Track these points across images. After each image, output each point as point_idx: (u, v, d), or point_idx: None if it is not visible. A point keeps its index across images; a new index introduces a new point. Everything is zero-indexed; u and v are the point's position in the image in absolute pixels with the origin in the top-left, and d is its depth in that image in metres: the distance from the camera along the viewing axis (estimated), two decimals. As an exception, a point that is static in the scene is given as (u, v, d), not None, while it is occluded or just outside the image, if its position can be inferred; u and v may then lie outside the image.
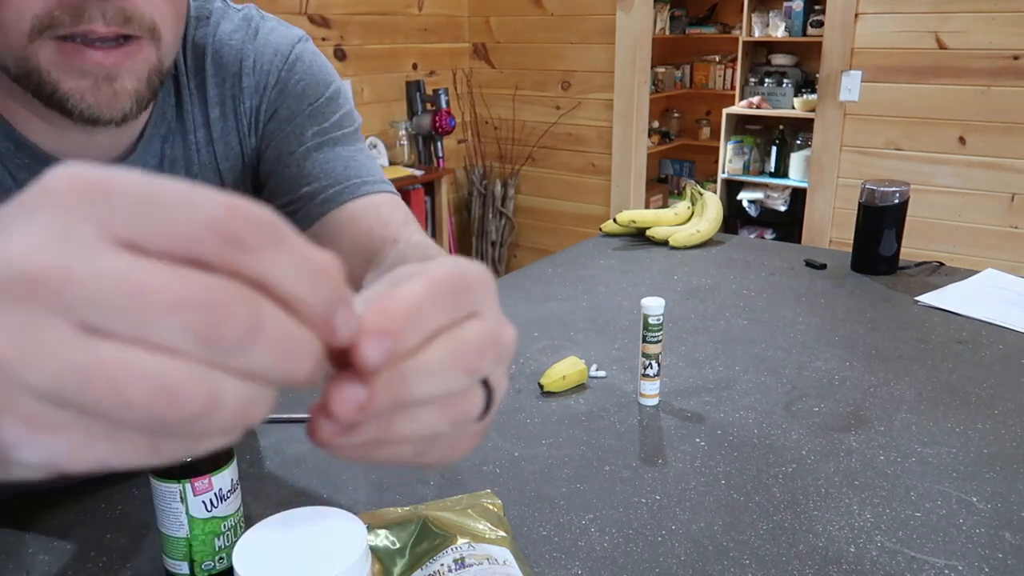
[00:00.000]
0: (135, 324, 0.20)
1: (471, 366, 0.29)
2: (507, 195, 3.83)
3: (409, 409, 0.28)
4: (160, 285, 0.21)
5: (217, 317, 0.21)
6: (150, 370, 0.20)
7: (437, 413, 0.29)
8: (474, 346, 0.29)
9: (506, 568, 0.62)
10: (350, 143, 0.78)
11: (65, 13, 0.53)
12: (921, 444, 0.87)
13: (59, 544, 0.70)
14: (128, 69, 0.57)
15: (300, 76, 0.76)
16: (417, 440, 0.29)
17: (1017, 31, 2.63)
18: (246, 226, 0.22)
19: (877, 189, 1.41)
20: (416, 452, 0.30)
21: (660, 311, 0.92)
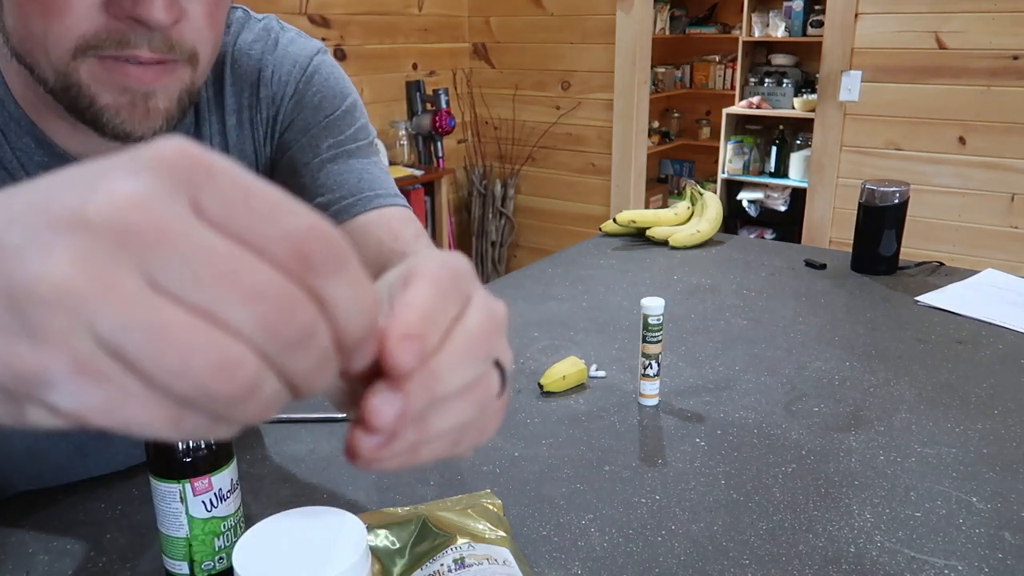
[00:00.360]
0: (211, 298, 0.21)
1: (485, 350, 0.31)
2: (507, 195, 3.83)
3: (441, 404, 0.30)
4: (246, 270, 0.22)
5: (284, 316, 0.22)
6: (215, 343, 0.21)
7: (466, 401, 0.31)
8: (482, 331, 0.31)
9: (506, 568, 0.62)
10: (365, 156, 0.79)
11: (111, 39, 0.54)
12: (921, 444, 0.87)
13: (59, 544, 0.70)
14: (163, 88, 0.58)
15: (317, 88, 0.77)
16: (452, 432, 0.31)
17: (1017, 31, 2.63)
18: (321, 247, 0.23)
19: (877, 189, 1.41)
20: (452, 443, 0.32)
21: (660, 311, 0.92)
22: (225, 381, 0.22)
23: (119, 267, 0.20)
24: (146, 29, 0.54)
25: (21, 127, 0.63)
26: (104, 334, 0.20)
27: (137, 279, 0.21)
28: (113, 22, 0.53)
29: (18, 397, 0.22)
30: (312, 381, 0.24)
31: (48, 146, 0.64)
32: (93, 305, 0.20)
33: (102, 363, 0.21)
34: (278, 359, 0.23)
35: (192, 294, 0.21)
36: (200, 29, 0.58)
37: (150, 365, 0.21)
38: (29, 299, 0.20)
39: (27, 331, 0.20)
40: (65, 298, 0.20)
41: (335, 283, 0.24)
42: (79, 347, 0.21)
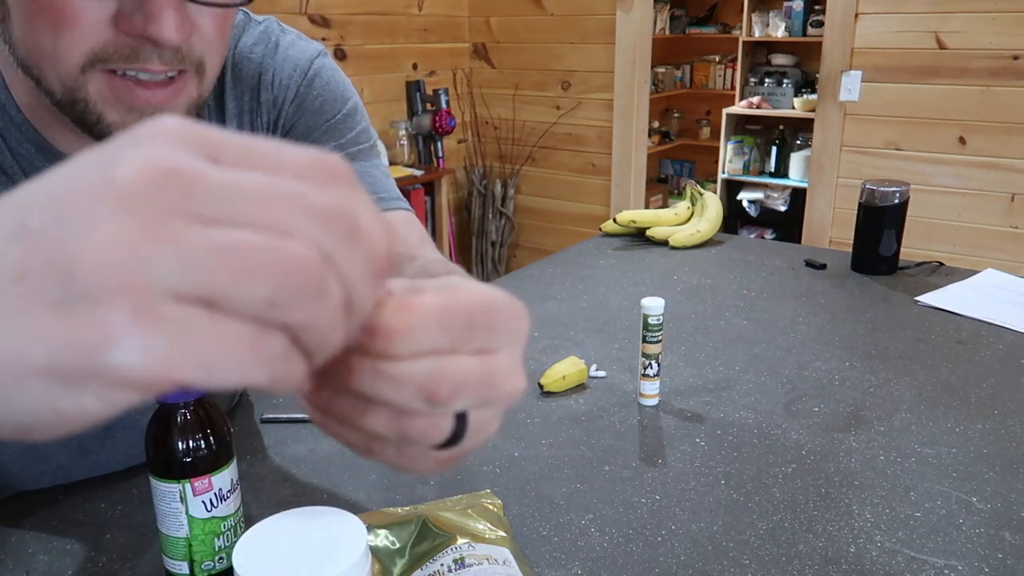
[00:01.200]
0: (260, 211, 0.22)
1: (435, 395, 0.28)
2: (507, 195, 3.83)
3: (365, 402, 0.29)
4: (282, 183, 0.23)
5: (334, 213, 0.23)
6: (277, 243, 0.22)
7: (386, 419, 0.29)
8: (453, 379, 0.28)
9: (506, 568, 0.62)
10: (366, 159, 0.79)
11: (120, 53, 0.53)
12: (921, 444, 0.87)
13: (59, 544, 0.70)
14: (171, 107, 0.58)
15: (318, 92, 0.77)
16: (365, 433, 0.30)
17: (1017, 31, 2.63)
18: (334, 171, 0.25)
19: (877, 189, 1.41)
20: (363, 445, 0.31)
21: (660, 311, 0.92)
22: (296, 273, 0.22)
23: (163, 214, 0.21)
24: (156, 46, 0.54)
25: (23, 133, 0.63)
26: (162, 276, 0.20)
27: (184, 219, 0.21)
28: (123, 37, 0.53)
29: (75, 376, 0.21)
30: (364, 288, 0.24)
31: (50, 152, 0.64)
32: (144, 251, 0.20)
33: (165, 306, 0.20)
34: (337, 253, 0.23)
35: (241, 213, 0.22)
36: (210, 41, 0.58)
37: (217, 284, 0.21)
38: (76, 266, 0.20)
39: (81, 297, 0.20)
40: (113, 254, 0.20)
41: (356, 196, 0.25)
42: (138, 295, 0.20)
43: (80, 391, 0.21)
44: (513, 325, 0.30)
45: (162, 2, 0.51)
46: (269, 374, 0.23)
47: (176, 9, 0.52)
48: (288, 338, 0.23)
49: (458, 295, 0.29)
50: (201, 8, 0.56)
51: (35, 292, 0.20)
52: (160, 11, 0.51)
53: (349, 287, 0.24)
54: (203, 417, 0.60)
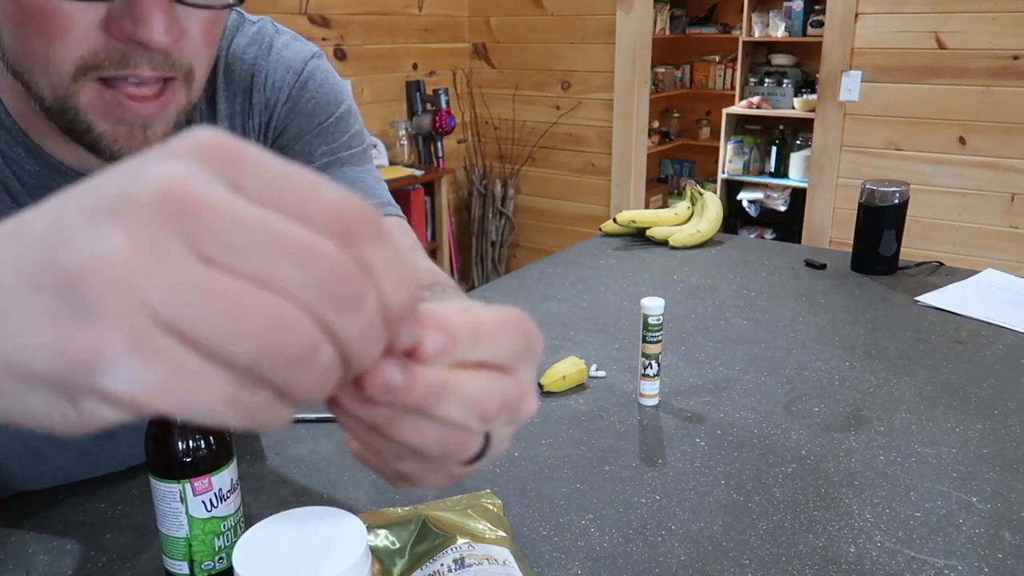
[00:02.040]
0: (262, 264, 0.22)
1: (488, 414, 0.29)
2: (507, 195, 3.83)
3: (420, 419, 0.28)
4: (294, 234, 0.22)
5: (336, 276, 0.22)
6: (269, 304, 0.22)
7: (437, 436, 0.29)
8: (500, 399, 0.29)
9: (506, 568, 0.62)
10: (358, 163, 0.78)
11: (110, 60, 0.53)
12: (921, 444, 0.87)
13: (59, 544, 0.70)
14: (162, 117, 0.58)
15: (312, 95, 0.76)
16: (405, 450, 0.30)
17: (1017, 31, 2.63)
18: (358, 218, 0.24)
19: (877, 189, 1.41)
20: (395, 458, 0.31)
21: (660, 311, 0.92)
22: (283, 341, 0.22)
23: (169, 242, 0.21)
24: (145, 50, 0.53)
25: (12, 136, 0.63)
26: (158, 307, 0.21)
27: (188, 252, 0.21)
28: (113, 43, 0.53)
29: (72, 389, 0.22)
30: (363, 350, 0.24)
31: (40, 156, 0.64)
32: (146, 279, 0.20)
33: (158, 338, 0.21)
34: (332, 320, 0.23)
35: (243, 262, 0.21)
36: (199, 47, 0.58)
37: (206, 332, 0.21)
38: (81, 280, 0.20)
39: (81, 313, 0.20)
40: (118, 275, 0.20)
41: (377, 251, 0.24)
42: (134, 323, 0.20)
43: (81, 402, 0.22)
44: (536, 343, 0.31)
45: (150, 5, 0.51)
46: (248, 421, 0.23)
47: (164, 12, 0.52)
48: (272, 392, 0.23)
49: (503, 313, 0.30)
50: (190, 12, 0.55)
51: (42, 304, 0.21)
52: (149, 14, 0.51)
53: (346, 349, 0.24)
54: (203, 417, 0.60)
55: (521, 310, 0.31)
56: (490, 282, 1.43)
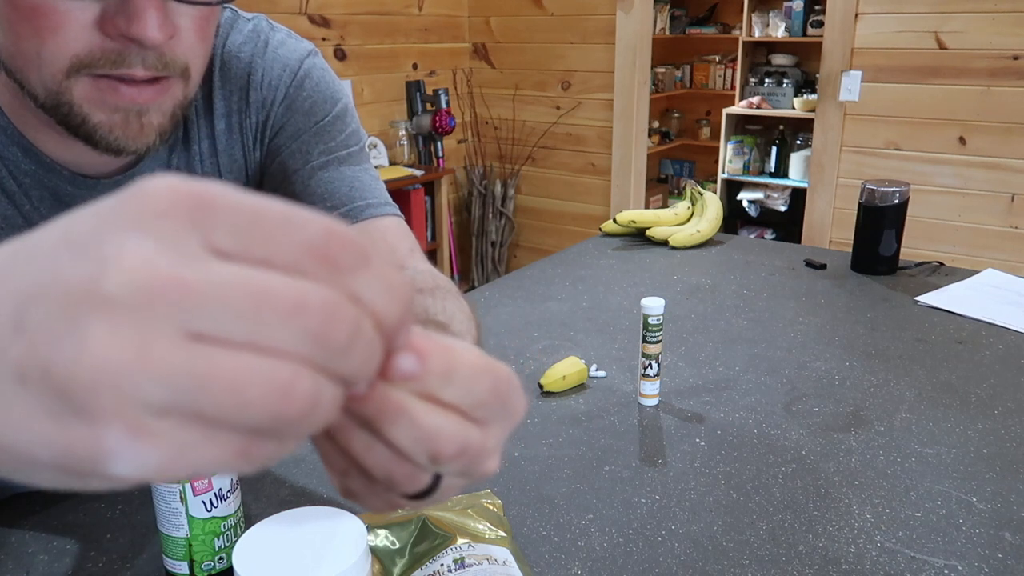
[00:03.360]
0: (252, 329, 0.21)
1: (439, 455, 0.27)
2: (507, 195, 3.83)
3: (370, 437, 0.27)
4: (278, 290, 0.21)
5: (330, 321, 0.22)
6: (267, 371, 0.21)
7: (384, 460, 0.28)
8: (458, 445, 0.27)
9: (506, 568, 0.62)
10: (356, 163, 0.78)
11: (105, 58, 0.53)
12: (921, 444, 0.87)
13: (59, 544, 0.70)
14: (157, 106, 0.58)
15: (308, 93, 0.76)
16: (353, 465, 0.29)
17: (1017, 31, 2.63)
18: (342, 247, 0.23)
19: (877, 189, 1.41)
20: (341, 472, 0.30)
21: (660, 311, 0.92)
22: (287, 403, 0.21)
23: (152, 332, 0.20)
24: (139, 47, 0.54)
25: (8, 136, 0.63)
26: (154, 399, 0.20)
27: (173, 337, 0.20)
28: (107, 41, 0.53)
29: (78, 473, 0.22)
30: (365, 373, 0.24)
31: (36, 155, 0.64)
32: (138, 374, 0.20)
33: (159, 424, 0.21)
34: (331, 365, 0.22)
35: (232, 332, 0.21)
36: (192, 45, 0.58)
37: (208, 410, 0.21)
38: (71, 383, 0.20)
39: (76, 412, 0.20)
40: (106, 376, 0.20)
41: (365, 277, 0.23)
42: (132, 415, 0.20)
43: (87, 480, 0.22)
44: (517, 405, 0.30)
45: (144, 2, 0.51)
46: (260, 467, 0.23)
47: (158, 9, 0.52)
48: (276, 445, 0.23)
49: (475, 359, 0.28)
50: (183, 9, 0.56)
51: (35, 399, 0.21)
52: (143, 11, 0.51)
53: (348, 379, 0.24)
54: (203, 417, 0.60)
55: (511, 370, 0.29)
56: (490, 282, 1.43)
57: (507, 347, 1.12)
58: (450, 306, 0.59)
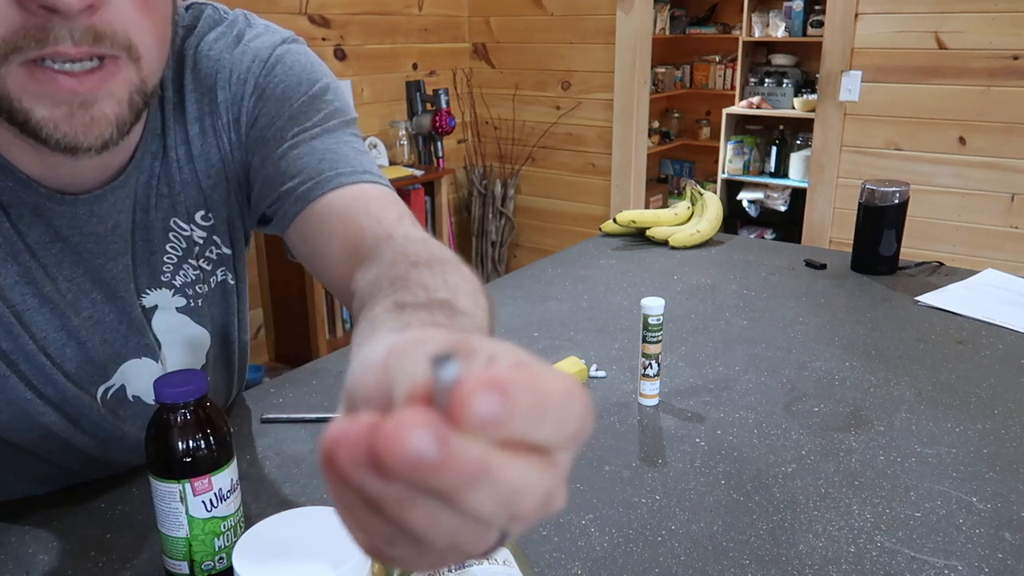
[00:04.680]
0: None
1: (522, 513, 0.24)
2: (507, 195, 3.83)
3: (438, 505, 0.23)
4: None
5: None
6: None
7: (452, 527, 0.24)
8: (541, 495, 0.24)
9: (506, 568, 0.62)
10: (331, 135, 0.73)
11: (30, 36, 0.50)
12: (921, 444, 0.87)
13: (59, 544, 0.70)
14: (107, 93, 0.54)
15: (280, 79, 0.72)
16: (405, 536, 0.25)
17: (1017, 31, 2.63)
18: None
19: (877, 189, 1.41)
20: (387, 542, 0.26)
21: (660, 311, 0.92)
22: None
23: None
24: (63, 19, 0.49)
25: None
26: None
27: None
28: (29, 18, 0.49)
29: None
30: None
31: (11, 171, 0.62)
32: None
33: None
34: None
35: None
36: (131, 18, 0.54)
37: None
38: None
39: None
40: None
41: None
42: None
43: None
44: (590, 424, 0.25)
45: None
46: None
47: None
48: None
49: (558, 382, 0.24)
50: None
51: None
52: None
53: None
54: (203, 417, 0.60)
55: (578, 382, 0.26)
56: (490, 282, 1.43)
57: (507, 347, 1.12)
58: (451, 278, 0.50)
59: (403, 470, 0.21)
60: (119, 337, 0.74)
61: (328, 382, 1.02)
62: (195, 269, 0.77)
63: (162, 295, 0.76)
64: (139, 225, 0.72)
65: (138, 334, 0.75)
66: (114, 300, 0.72)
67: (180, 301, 0.78)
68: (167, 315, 0.77)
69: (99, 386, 0.74)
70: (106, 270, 0.70)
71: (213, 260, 0.79)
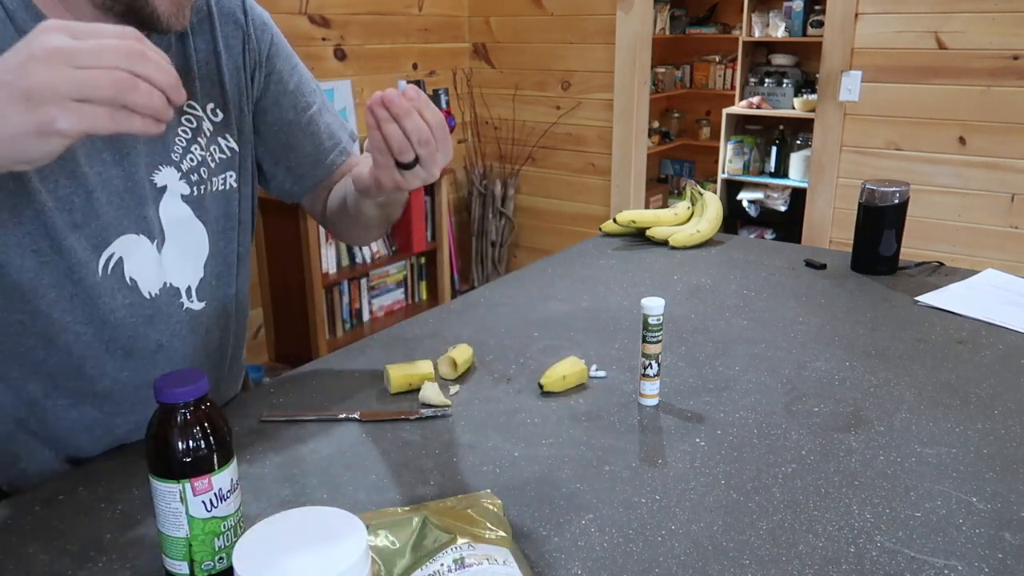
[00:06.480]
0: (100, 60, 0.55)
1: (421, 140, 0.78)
2: (507, 195, 3.83)
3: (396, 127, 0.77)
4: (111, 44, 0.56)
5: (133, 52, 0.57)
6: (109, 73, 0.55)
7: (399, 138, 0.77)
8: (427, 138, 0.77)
9: (506, 568, 0.62)
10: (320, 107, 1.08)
11: None
12: (921, 444, 0.87)
13: (59, 544, 0.70)
14: None
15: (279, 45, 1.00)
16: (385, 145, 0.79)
17: (1017, 31, 2.63)
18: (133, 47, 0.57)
19: (877, 189, 1.41)
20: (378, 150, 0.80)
21: (660, 311, 0.92)
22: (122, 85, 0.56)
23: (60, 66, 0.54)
24: None
25: (28, 14, 0.74)
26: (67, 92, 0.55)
27: (69, 67, 0.54)
28: None
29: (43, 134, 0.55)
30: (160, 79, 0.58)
31: None
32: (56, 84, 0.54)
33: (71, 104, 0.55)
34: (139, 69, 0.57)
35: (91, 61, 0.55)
36: None
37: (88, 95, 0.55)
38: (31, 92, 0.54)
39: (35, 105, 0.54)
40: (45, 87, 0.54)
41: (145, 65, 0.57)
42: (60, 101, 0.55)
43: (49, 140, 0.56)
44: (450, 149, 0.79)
45: None
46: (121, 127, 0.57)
47: None
48: (129, 109, 0.57)
49: None
50: None
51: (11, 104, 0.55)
52: None
53: (151, 80, 0.57)
54: (203, 417, 0.60)
55: None
56: (490, 282, 1.43)
57: (507, 347, 1.13)
58: None
59: (390, 105, 0.75)
60: (123, 205, 0.82)
61: (328, 382, 1.02)
62: (203, 151, 0.88)
63: (170, 174, 0.86)
64: None
65: (141, 206, 0.83)
66: (122, 164, 0.81)
67: (185, 188, 0.87)
68: (173, 201, 0.86)
69: (101, 252, 0.81)
70: None
71: (223, 156, 0.91)
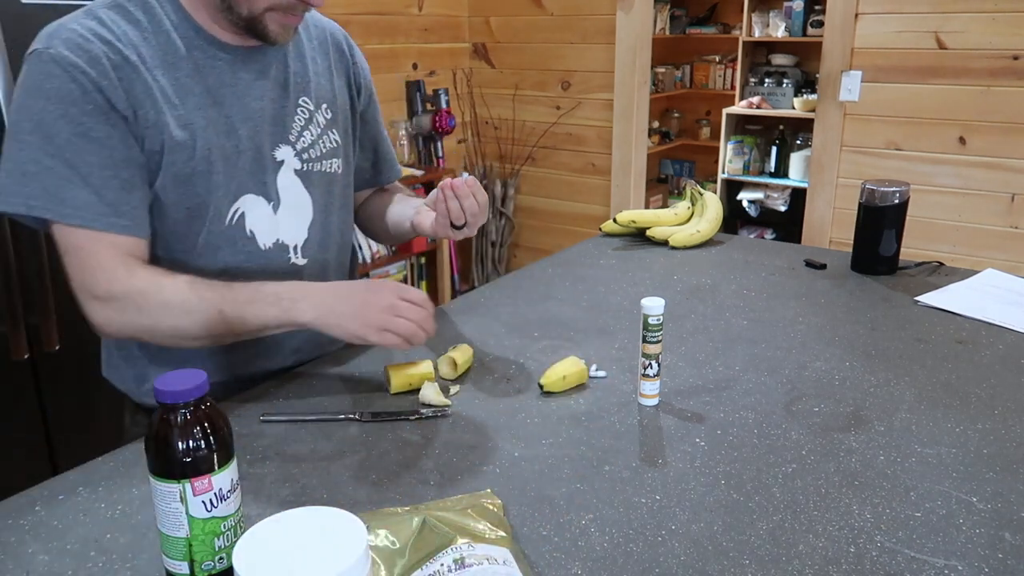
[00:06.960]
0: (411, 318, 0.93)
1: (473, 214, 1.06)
2: (507, 195, 3.83)
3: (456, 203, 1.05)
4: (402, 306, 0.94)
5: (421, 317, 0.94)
6: (405, 324, 0.92)
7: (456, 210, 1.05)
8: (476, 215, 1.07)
9: (506, 568, 0.62)
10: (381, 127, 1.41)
11: (286, 8, 0.93)
12: (921, 444, 0.87)
13: (59, 544, 0.70)
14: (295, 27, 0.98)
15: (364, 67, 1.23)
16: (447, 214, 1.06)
17: (1017, 31, 2.63)
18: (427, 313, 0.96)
19: (877, 189, 1.41)
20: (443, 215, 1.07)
21: (660, 311, 0.92)
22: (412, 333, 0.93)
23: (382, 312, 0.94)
24: (307, 8, 0.96)
25: (185, 23, 0.94)
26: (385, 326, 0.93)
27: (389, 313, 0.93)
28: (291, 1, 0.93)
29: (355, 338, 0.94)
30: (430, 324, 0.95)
31: (203, 33, 0.95)
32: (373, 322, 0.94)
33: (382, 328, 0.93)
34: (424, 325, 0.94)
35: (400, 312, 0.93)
36: None
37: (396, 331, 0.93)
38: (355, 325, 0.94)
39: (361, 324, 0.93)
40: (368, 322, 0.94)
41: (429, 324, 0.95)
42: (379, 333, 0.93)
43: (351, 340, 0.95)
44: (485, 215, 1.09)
45: None
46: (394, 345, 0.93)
47: None
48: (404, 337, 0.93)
49: None
50: None
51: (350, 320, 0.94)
52: None
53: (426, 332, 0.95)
54: (203, 417, 0.60)
55: None
56: (490, 282, 1.43)
57: (507, 347, 1.12)
58: None
59: (456, 189, 1.03)
60: (246, 171, 0.99)
61: (328, 382, 1.02)
62: (313, 137, 1.06)
63: (287, 151, 1.04)
64: (276, 82, 1.02)
65: (262, 172, 1.01)
66: (253, 139, 0.99)
67: (296, 164, 1.05)
68: (287, 174, 1.04)
69: (231, 205, 0.99)
70: (252, 109, 0.98)
71: (331, 146, 1.09)
